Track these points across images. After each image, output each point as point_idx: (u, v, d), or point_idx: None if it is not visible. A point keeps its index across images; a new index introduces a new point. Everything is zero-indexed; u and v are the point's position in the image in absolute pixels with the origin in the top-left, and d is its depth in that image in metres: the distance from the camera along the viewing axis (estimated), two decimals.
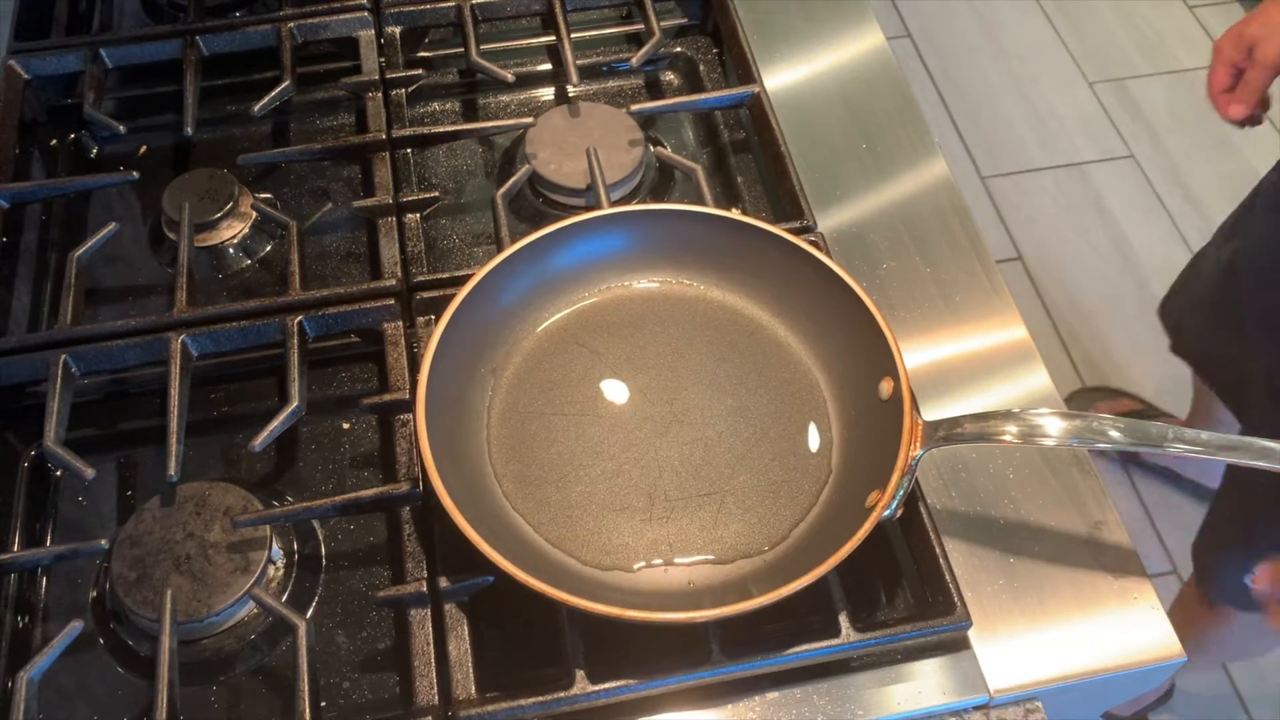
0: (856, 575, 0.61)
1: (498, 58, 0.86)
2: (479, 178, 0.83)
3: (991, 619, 0.61)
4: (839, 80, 0.87)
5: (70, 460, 0.62)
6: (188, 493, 0.63)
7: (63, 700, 0.59)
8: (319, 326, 0.69)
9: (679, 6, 0.92)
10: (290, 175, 0.82)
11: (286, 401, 0.64)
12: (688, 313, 0.70)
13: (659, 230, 0.69)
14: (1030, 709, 0.59)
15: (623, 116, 0.81)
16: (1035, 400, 0.70)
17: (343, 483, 0.67)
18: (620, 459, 0.64)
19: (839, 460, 0.64)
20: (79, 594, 0.63)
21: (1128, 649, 0.60)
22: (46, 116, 0.85)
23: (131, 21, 0.94)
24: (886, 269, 0.76)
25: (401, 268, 0.72)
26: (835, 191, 0.79)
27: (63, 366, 0.66)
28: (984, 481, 0.66)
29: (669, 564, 0.60)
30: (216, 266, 0.77)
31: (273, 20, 0.85)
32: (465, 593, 0.59)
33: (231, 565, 0.60)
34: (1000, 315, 0.73)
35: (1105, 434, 0.56)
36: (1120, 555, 0.63)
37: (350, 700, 0.60)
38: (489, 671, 0.58)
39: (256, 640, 0.61)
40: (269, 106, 0.80)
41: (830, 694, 0.58)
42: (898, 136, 0.83)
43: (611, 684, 0.55)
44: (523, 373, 0.67)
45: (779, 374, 0.67)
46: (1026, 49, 2.34)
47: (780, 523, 0.61)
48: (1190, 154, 2.18)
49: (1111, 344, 1.91)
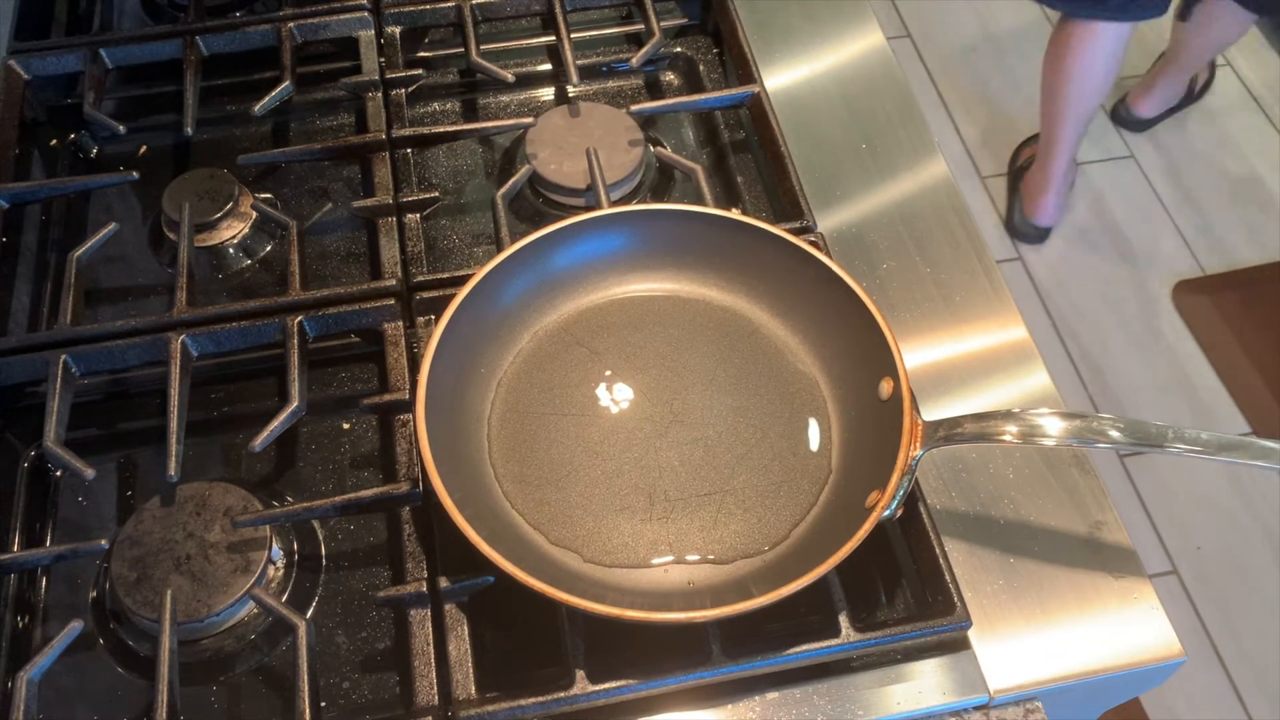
0: (856, 575, 0.61)
1: (498, 58, 0.86)
2: (479, 178, 0.83)
3: (991, 619, 0.61)
4: (839, 80, 0.87)
5: (70, 460, 0.62)
6: (188, 493, 0.63)
7: (63, 700, 0.59)
8: (319, 326, 0.69)
9: (679, 6, 0.92)
10: (290, 175, 0.82)
11: (286, 401, 0.64)
12: (688, 313, 0.70)
13: (659, 230, 0.70)
14: (1030, 709, 0.59)
15: (623, 116, 0.81)
16: (1035, 400, 0.70)
17: (343, 483, 0.67)
18: (620, 459, 0.64)
19: (839, 460, 0.64)
20: (79, 594, 0.63)
21: (1128, 649, 0.60)
22: (46, 116, 0.85)
23: (131, 21, 0.94)
24: (886, 269, 0.76)
25: (401, 268, 0.72)
26: (835, 191, 0.79)
27: (63, 366, 0.66)
28: (984, 481, 0.66)
29: (669, 564, 0.60)
30: (216, 266, 0.77)
31: (273, 20, 0.85)
32: (465, 593, 0.59)
33: (231, 565, 0.60)
34: (1000, 315, 0.73)
35: (1105, 434, 0.56)
36: (1120, 555, 0.63)
37: (350, 700, 0.60)
38: (489, 671, 0.58)
39: (256, 640, 0.61)
40: (269, 106, 0.80)
41: (830, 694, 0.58)
42: (898, 136, 0.83)
43: (611, 684, 0.55)
44: (523, 373, 0.67)
45: (779, 374, 0.67)
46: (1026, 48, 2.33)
47: (780, 523, 0.61)
48: (1190, 154, 2.18)
49: (1111, 344, 1.91)
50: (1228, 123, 2.23)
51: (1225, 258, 2.03)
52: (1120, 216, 2.08)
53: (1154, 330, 1.93)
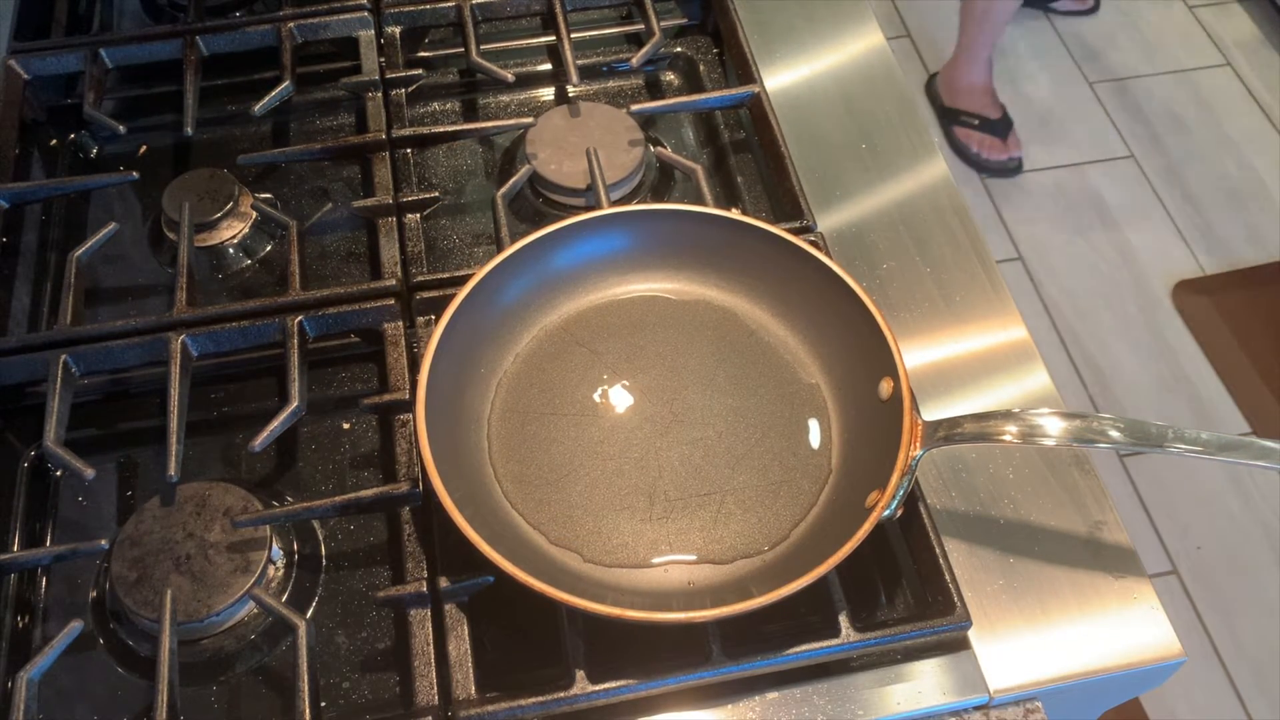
0: (856, 575, 0.61)
1: (498, 58, 0.86)
2: (479, 178, 0.83)
3: (991, 619, 0.61)
4: (839, 80, 0.87)
5: (70, 460, 0.62)
6: (188, 493, 0.63)
7: (63, 700, 0.59)
8: (319, 326, 0.69)
9: (679, 6, 0.92)
10: (290, 175, 0.82)
11: (286, 401, 0.64)
12: (688, 313, 0.70)
13: (659, 230, 0.69)
14: (1030, 709, 0.59)
15: (623, 116, 0.81)
16: (1035, 400, 0.70)
17: (343, 483, 0.67)
18: (620, 459, 0.64)
19: (839, 460, 0.64)
20: (79, 594, 0.63)
21: (1128, 649, 0.60)
22: (46, 116, 0.85)
23: (131, 21, 0.94)
24: (886, 269, 0.76)
25: (401, 268, 0.72)
26: (835, 191, 0.79)
27: (63, 366, 0.66)
28: (984, 481, 0.66)
29: (669, 564, 0.60)
30: (216, 266, 0.77)
31: (273, 20, 0.85)
32: (465, 593, 0.59)
33: (231, 565, 0.60)
34: (1000, 315, 0.73)
35: (1105, 434, 0.56)
36: (1120, 555, 0.63)
37: (350, 700, 0.60)
38: (489, 671, 0.58)
39: (256, 640, 0.61)
40: (269, 106, 0.80)
41: (830, 694, 0.58)
42: (898, 136, 0.83)
43: (611, 684, 0.55)
44: (523, 373, 0.67)
45: (779, 374, 0.67)
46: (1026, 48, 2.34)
47: (780, 523, 0.61)
48: (1190, 154, 2.18)
49: (1111, 344, 1.91)
50: (1228, 123, 2.23)
51: (1225, 258, 2.03)
52: (1120, 216, 2.08)
53: (1154, 330, 1.93)
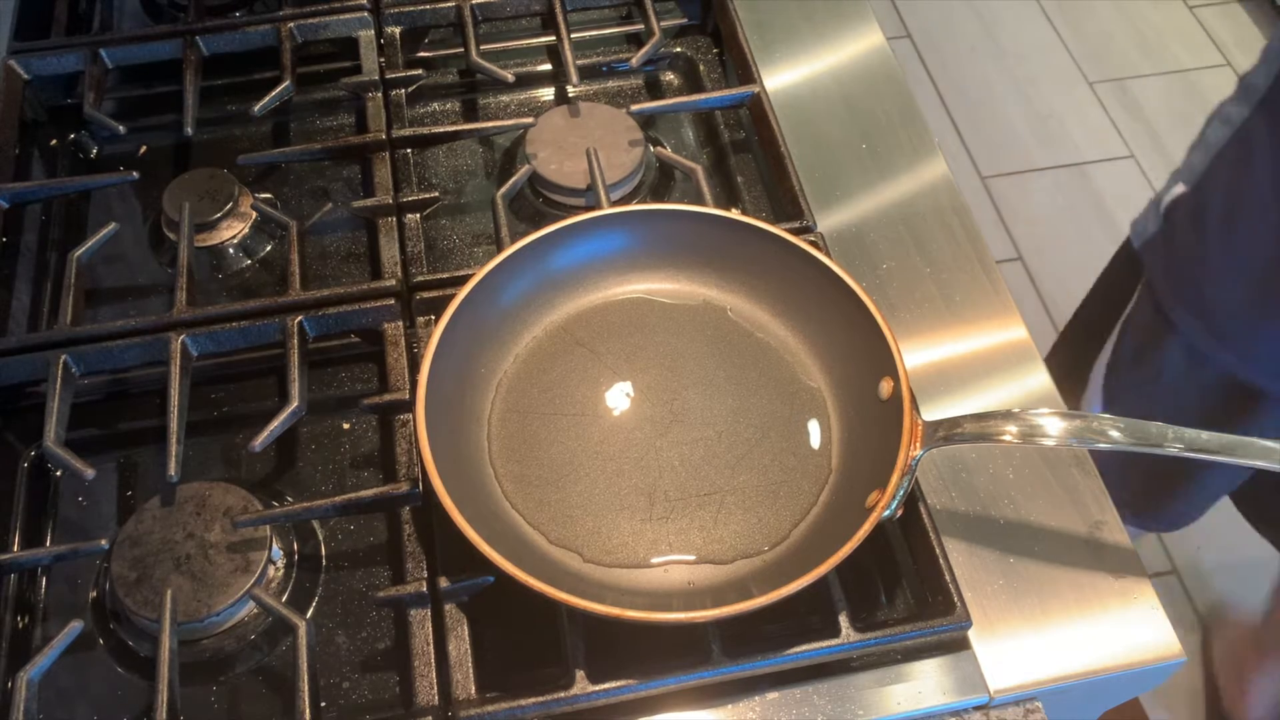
0: (856, 575, 0.61)
1: (498, 58, 0.86)
2: (479, 178, 0.83)
3: (991, 619, 0.61)
4: (839, 80, 0.87)
5: (70, 460, 0.62)
6: (188, 493, 0.63)
7: (63, 700, 0.59)
8: (319, 326, 0.69)
9: (679, 6, 0.92)
10: (290, 175, 0.82)
11: (286, 401, 0.64)
12: (688, 313, 0.70)
13: (659, 230, 0.69)
14: (1030, 709, 0.59)
15: (623, 116, 0.81)
16: (1035, 400, 0.70)
17: (343, 483, 0.67)
18: (620, 459, 0.64)
19: (839, 460, 0.64)
20: (79, 594, 0.63)
21: (1128, 649, 0.60)
22: (46, 116, 0.85)
23: (131, 21, 0.94)
24: (886, 269, 0.76)
25: (401, 268, 0.72)
26: (835, 191, 0.79)
27: (63, 366, 0.66)
28: (984, 481, 0.66)
29: (669, 564, 0.60)
30: (216, 266, 0.77)
31: (273, 20, 0.85)
32: (465, 593, 0.59)
33: (231, 565, 0.60)
34: (1000, 315, 0.73)
35: (1105, 434, 0.56)
36: (1120, 555, 0.63)
37: (350, 700, 0.60)
38: (489, 671, 0.58)
39: (256, 640, 0.61)
40: (269, 106, 0.80)
41: (830, 694, 0.58)
42: (898, 136, 0.83)
43: (611, 684, 0.55)
44: (523, 373, 0.67)
45: (779, 374, 0.67)
46: (1026, 49, 2.34)
47: (780, 523, 0.61)
48: None
49: None
50: None
51: None
52: (1120, 216, 2.08)
53: None
